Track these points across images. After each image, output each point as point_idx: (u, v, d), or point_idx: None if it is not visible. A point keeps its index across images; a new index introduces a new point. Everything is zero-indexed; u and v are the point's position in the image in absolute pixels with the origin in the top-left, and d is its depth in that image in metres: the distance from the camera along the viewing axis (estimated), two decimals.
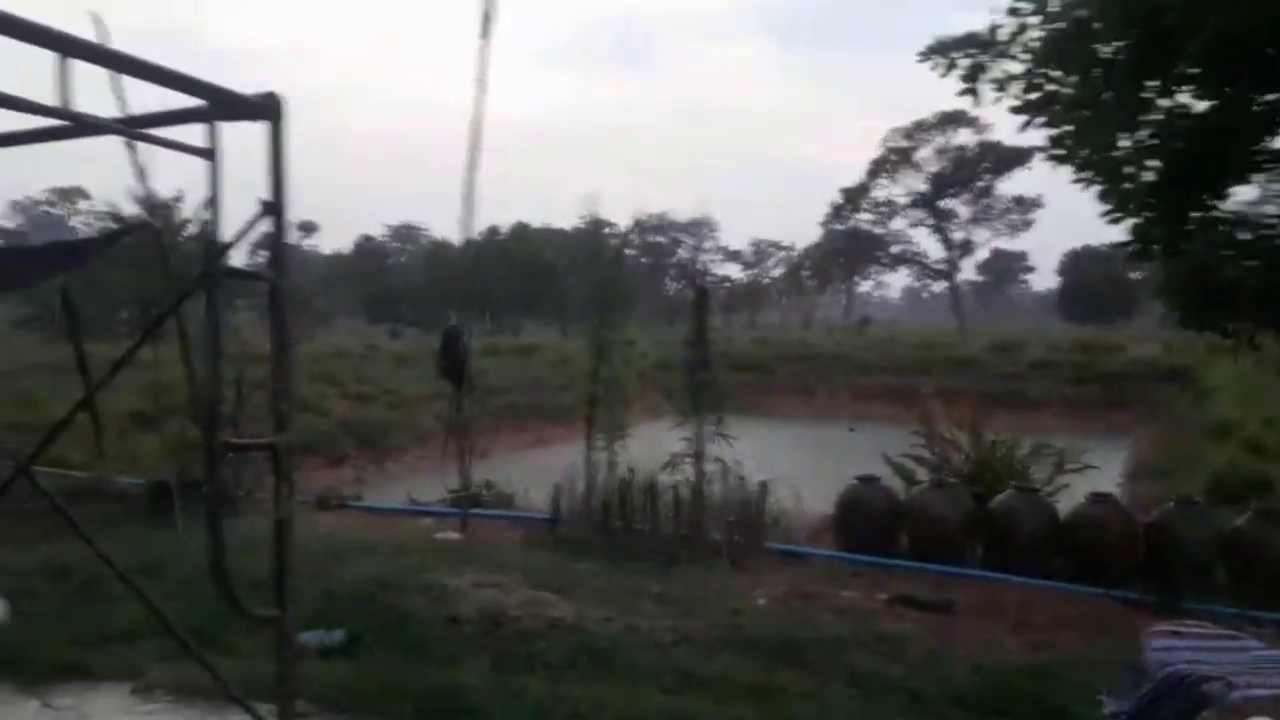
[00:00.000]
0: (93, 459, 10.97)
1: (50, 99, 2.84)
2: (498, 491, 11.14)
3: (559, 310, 52.33)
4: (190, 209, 26.14)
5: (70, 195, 70.59)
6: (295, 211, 3.47)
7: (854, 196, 68.96)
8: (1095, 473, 11.08)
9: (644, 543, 8.49)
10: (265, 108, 3.09)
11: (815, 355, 39.78)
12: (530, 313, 52.40)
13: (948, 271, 71.31)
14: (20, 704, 5.33)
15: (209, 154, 3.04)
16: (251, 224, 3.19)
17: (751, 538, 8.63)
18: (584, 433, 9.29)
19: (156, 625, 6.13)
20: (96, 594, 6.96)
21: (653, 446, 9.93)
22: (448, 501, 10.48)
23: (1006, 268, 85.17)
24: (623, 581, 7.43)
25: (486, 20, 8.23)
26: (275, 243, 3.26)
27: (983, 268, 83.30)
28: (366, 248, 69.70)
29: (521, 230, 56.56)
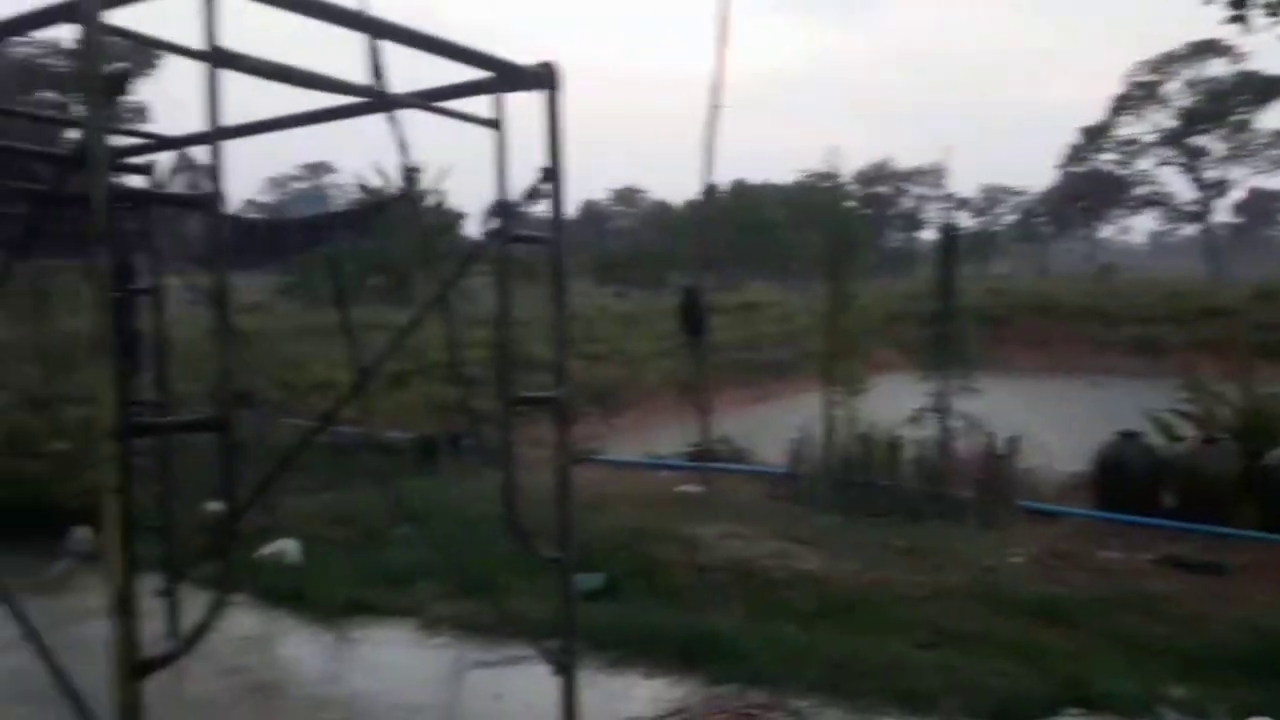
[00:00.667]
0: (361, 415, 11.90)
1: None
2: (733, 446, 11.29)
3: (780, 266, 51.99)
4: (429, 181, 27.53)
5: (318, 170, 75.88)
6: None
7: (1095, 136, 64.60)
8: None
9: (886, 498, 8.41)
10: (544, 77, 3.25)
11: (1053, 305, 37.75)
12: (751, 269, 52.28)
13: (1199, 213, 65.85)
14: (317, 636, 5.90)
15: (494, 124, 3.23)
16: (533, 189, 3.37)
17: (1000, 495, 8.38)
18: (808, 388, 9.26)
19: (434, 567, 6.71)
20: (377, 539, 7.60)
21: (889, 401, 9.80)
22: (686, 456, 10.71)
23: (1265, 207, 77.87)
24: (868, 535, 7.41)
25: None
26: (554, 206, 3.44)
27: (1239, 208, 76.49)
28: (590, 211, 71.50)
29: (741, 187, 56.43)
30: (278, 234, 6.95)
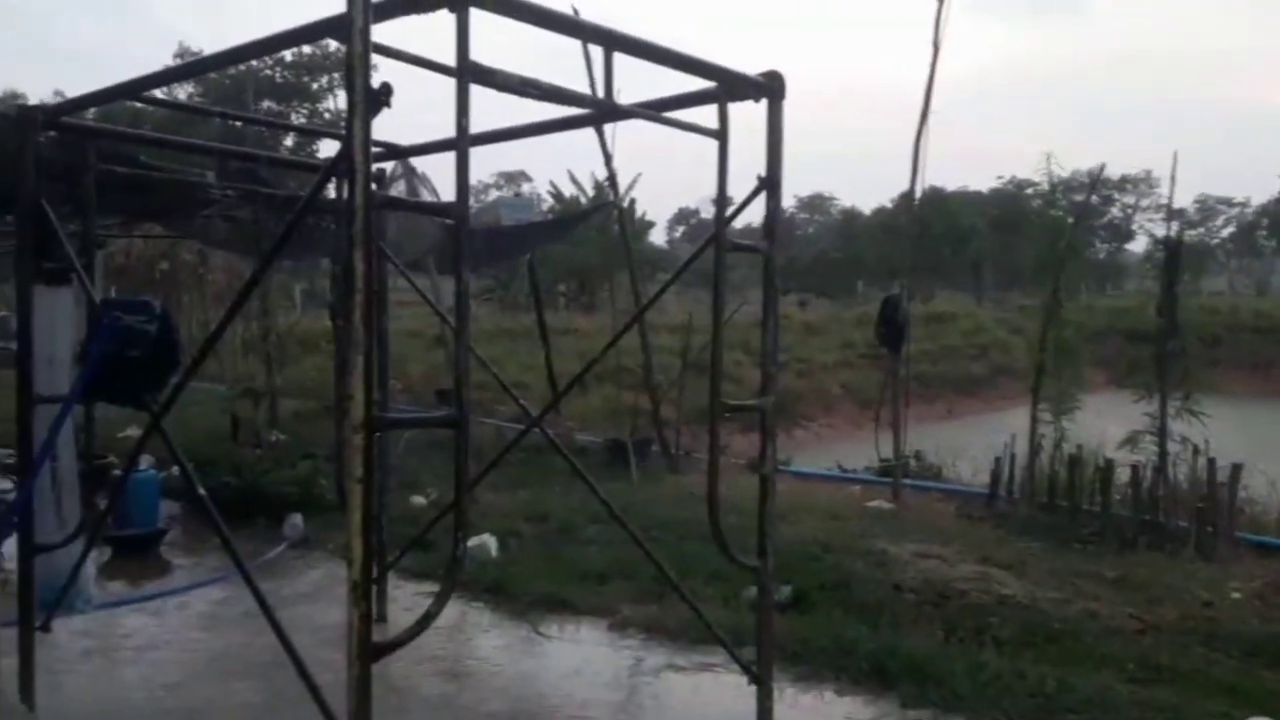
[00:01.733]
0: (551, 417, 12.23)
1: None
2: (925, 463, 10.99)
3: (974, 276, 50.30)
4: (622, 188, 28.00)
5: (514, 178, 78.41)
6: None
7: None
8: None
9: (1096, 524, 7.98)
10: (768, 87, 3.24)
11: (1275, 326, 35.09)
12: (943, 279, 50.80)
13: None
14: (513, 628, 6.07)
15: (718, 134, 3.24)
16: (750, 198, 3.37)
17: (1220, 526, 7.82)
18: (1001, 405, 8.89)
19: (624, 568, 6.80)
20: (571, 537, 7.78)
21: (1098, 421, 9.31)
22: (875, 470, 10.49)
23: None
24: (1075, 563, 7.05)
25: None
26: (770, 216, 3.43)
27: None
28: (775, 204, 70.83)
29: (935, 194, 54.92)
30: (490, 240, 7.24)
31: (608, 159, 8.81)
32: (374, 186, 5.03)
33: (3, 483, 8.15)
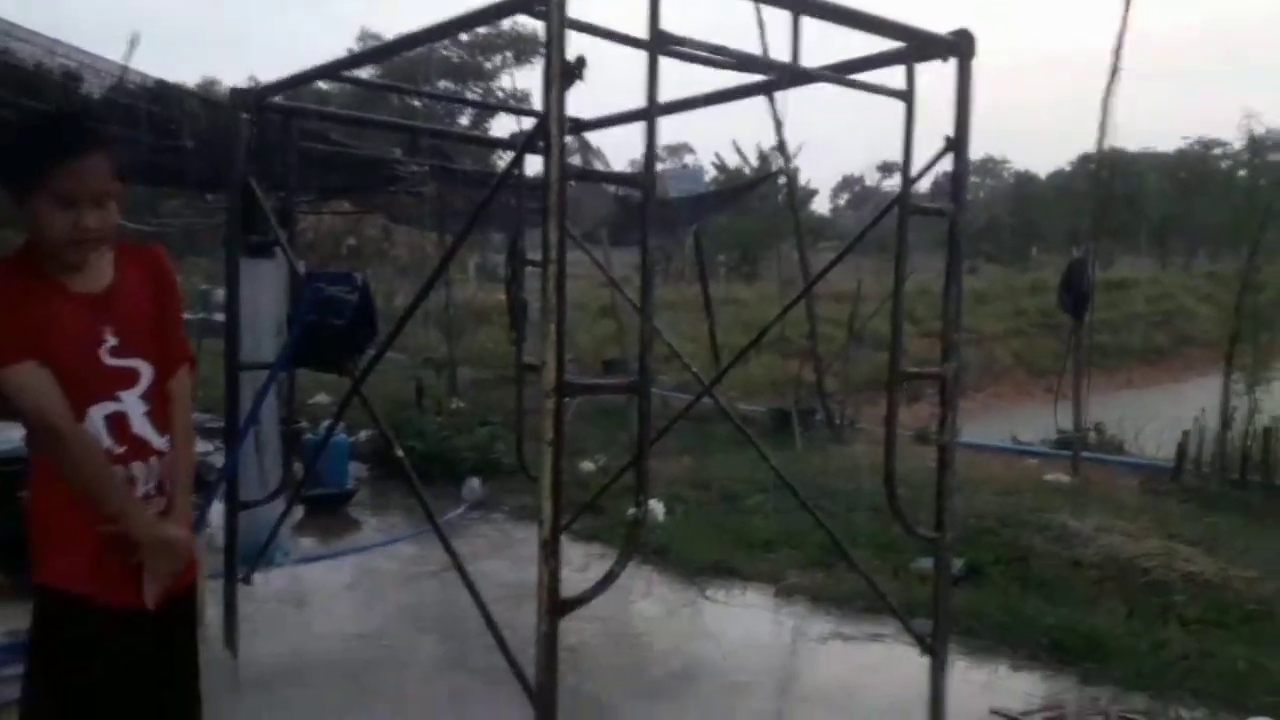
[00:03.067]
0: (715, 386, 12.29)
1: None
2: (1105, 436, 10.56)
3: (1157, 241, 47.60)
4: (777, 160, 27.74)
5: (677, 151, 78.41)
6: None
7: None
8: None
9: None
10: (958, 46, 3.18)
11: None
12: (1124, 243, 48.27)
13: None
14: (683, 590, 6.19)
15: (905, 95, 3.21)
16: (935, 159, 3.33)
17: None
18: (1185, 376, 8.44)
19: (789, 536, 6.83)
20: (735, 505, 7.85)
21: None
22: (1053, 442, 10.14)
23: None
24: (1270, 541, 6.68)
25: None
26: (957, 177, 3.37)
27: None
28: (944, 185, 68.73)
29: (1118, 155, 52.08)
30: (661, 213, 7.32)
31: (778, 125, 8.77)
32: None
33: (206, 446, 8.79)
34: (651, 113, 2.56)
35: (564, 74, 2.44)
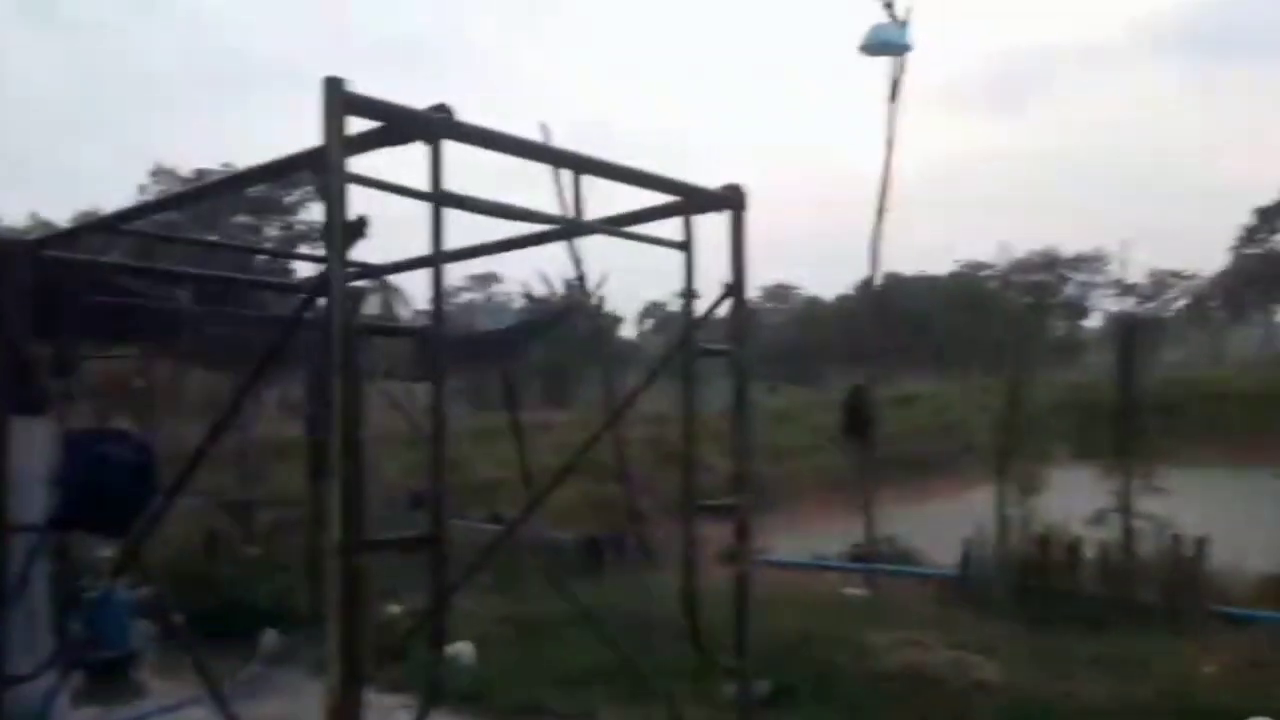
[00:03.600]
0: (524, 515, 12.16)
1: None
2: (898, 547, 11.04)
3: (937, 359, 50.94)
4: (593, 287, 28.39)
5: (485, 281, 78.89)
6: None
7: (1270, 217, 61.57)
8: None
9: (1067, 604, 8.06)
10: (730, 200, 3.41)
11: (1232, 394, 35.71)
12: (907, 362, 51.42)
13: None
14: None
15: (684, 245, 3.39)
16: (715, 304, 3.51)
17: (1190, 600, 7.93)
18: (973, 485, 9.03)
19: (603, 671, 6.75)
20: (549, 640, 7.71)
21: (1064, 499, 9.43)
22: (849, 556, 10.52)
23: None
24: (1049, 644, 7.11)
25: (895, 85, 8.47)
26: (737, 320, 3.55)
27: None
28: (740, 309, 71.57)
29: (895, 279, 55.85)
30: (471, 348, 7.34)
31: (577, 263, 9.04)
32: (350, 305, 5.16)
33: None
34: (437, 261, 2.62)
35: (346, 233, 2.48)
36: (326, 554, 2.53)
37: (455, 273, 77.98)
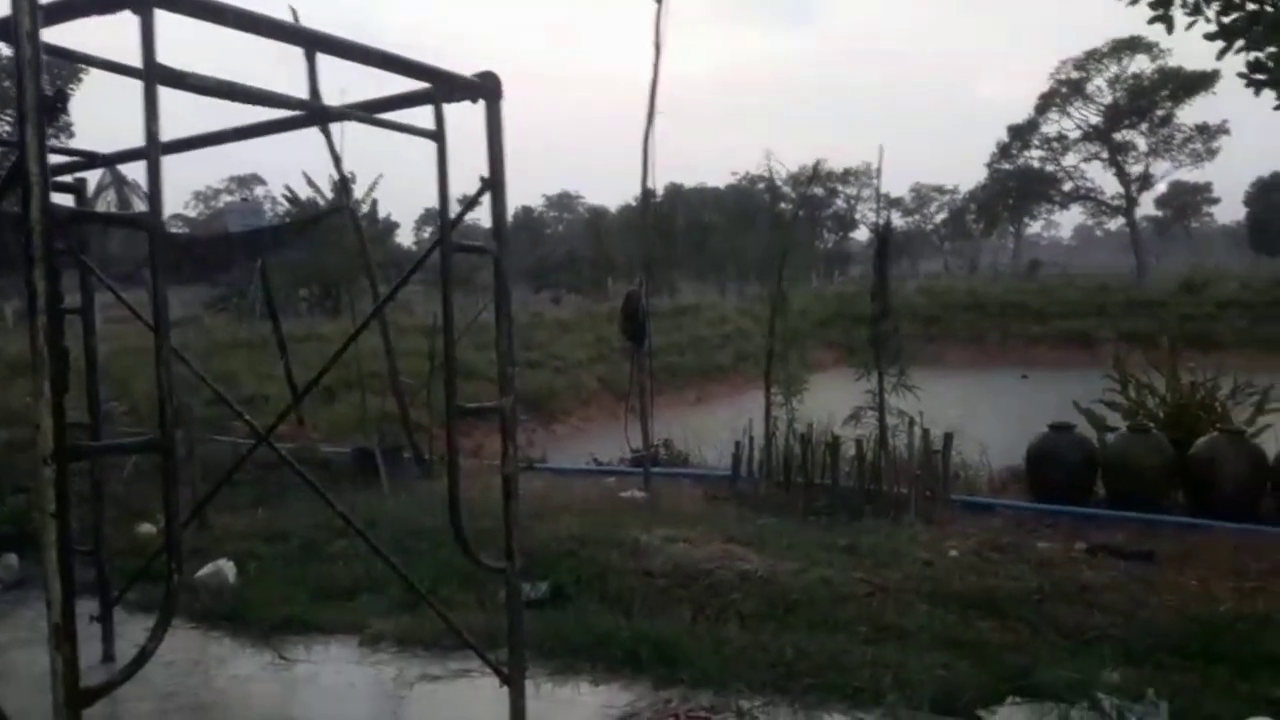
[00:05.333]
0: (293, 430, 11.73)
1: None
2: (675, 450, 11.34)
3: (716, 269, 52.36)
4: (361, 191, 27.29)
5: (247, 182, 74.70)
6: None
7: (1022, 134, 66.03)
8: None
9: (827, 497, 8.52)
10: (485, 88, 3.25)
11: (983, 303, 38.58)
12: (687, 273, 52.61)
13: (1124, 207, 67.51)
14: (254, 656, 5.79)
15: (435, 135, 3.22)
16: (474, 199, 3.37)
17: (937, 490, 8.54)
18: (747, 390, 9.37)
19: (374, 582, 6.63)
20: (315, 554, 7.49)
21: (827, 401, 9.92)
22: (628, 461, 10.72)
23: (1188, 201, 79.89)
24: (810, 535, 7.48)
25: None
26: (496, 217, 3.43)
27: (1161, 202, 78.50)
28: (524, 219, 71.10)
29: (676, 191, 56.73)
30: (215, 249, 6.85)
31: (337, 160, 8.56)
32: (74, 198, 4.68)
33: None
34: (153, 150, 2.36)
35: (40, 109, 2.18)
36: (37, 462, 2.28)
37: (212, 173, 73.38)
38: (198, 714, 5.00)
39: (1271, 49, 7.32)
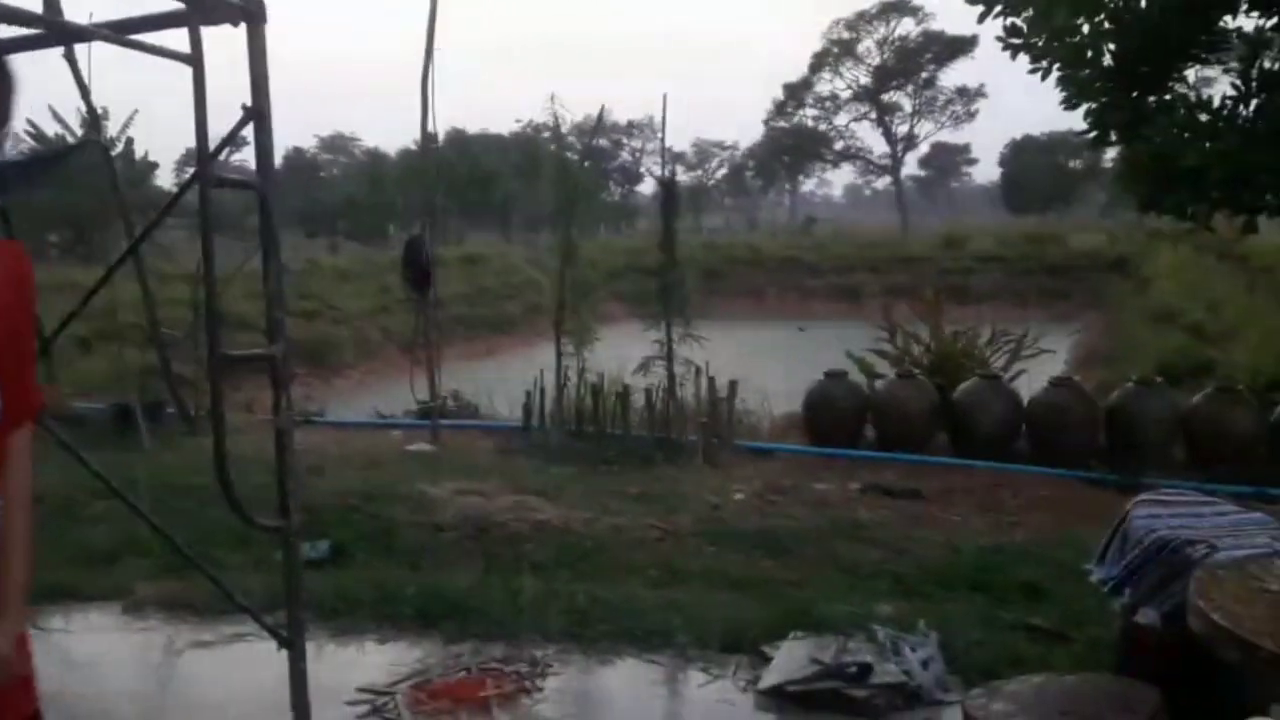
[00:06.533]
0: (43, 384, 10.76)
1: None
2: (463, 402, 11.13)
3: (502, 218, 51.69)
4: (114, 126, 25.28)
5: None
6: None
7: (797, 92, 68.33)
8: (1049, 359, 11.38)
9: (618, 446, 8.58)
10: (247, 11, 2.97)
11: (762, 258, 39.91)
12: (472, 221, 51.70)
13: (891, 167, 71.29)
14: None
15: (191, 59, 2.92)
16: (236, 129, 3.09)
17: (723, 437, 8.75)
18: (536, 341, 9.34)
19: (138, 545, 6.17)
20: (74, 516, 6.91)
21: (617, 351, 9.98)
22: (415, 413, 10.44)
23: (949, 161, 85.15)
24: (602, 483, 7.53)
25: None
26: (260, 148, 3.17)
27: (924, 162, 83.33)
28: (296, 161, 67.67)
29: (459, 136, 55.46)
30: None
31: (84, 91, 7.78)
32: None
33: None
34: None
35: None
36: None
37: None
38: None
39: (1028, 14, 7.78)
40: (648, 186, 71.54)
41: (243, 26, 3.08)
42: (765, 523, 6.60)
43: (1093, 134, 8.09)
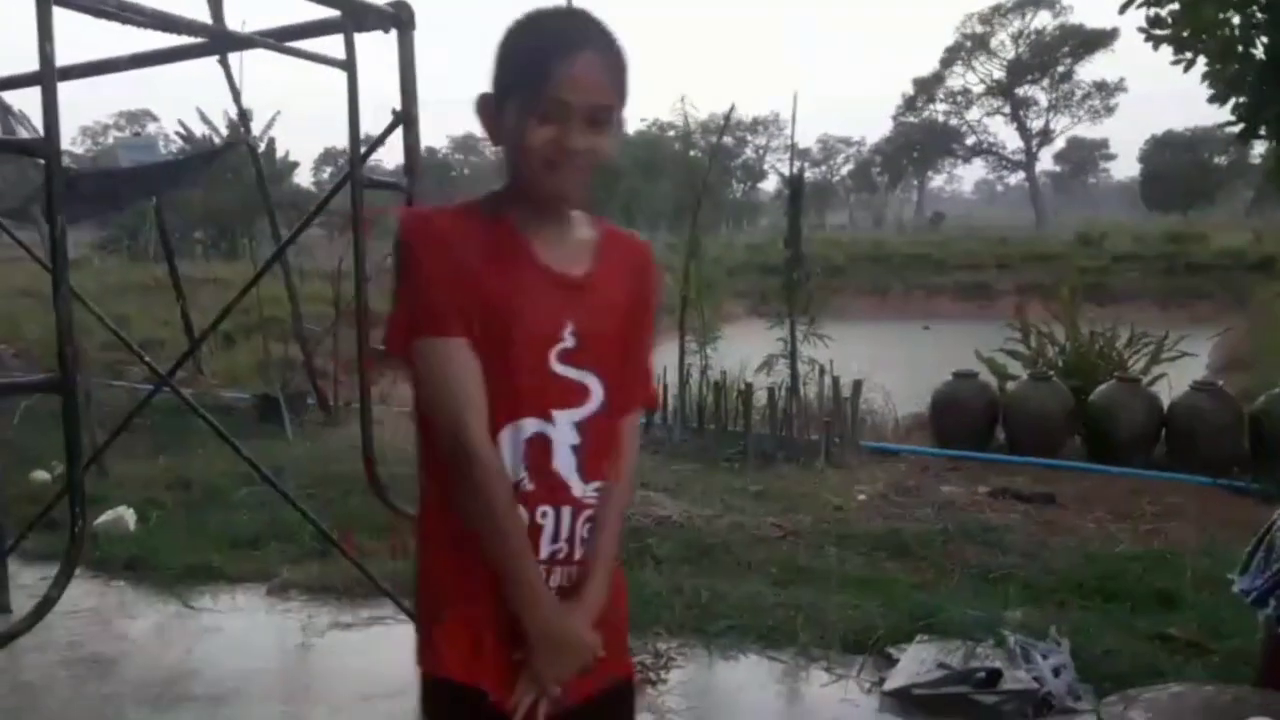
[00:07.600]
0: (191, 375, 11.37)
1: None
2: None
3: (625, 215, 52.03)
4: (259, 127, 26.41)
5: (138, 118, 71.63)
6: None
7: (928, 87, 67.04)
8: (1190, 362, 10.93)
9: (740, 444, 8.60)
10: (397, 17, 3.12)
11: (888, 255, 39.23)
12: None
13: (1025, 162, 69.19)
14: (161, 605, 5.62)
15: (346, 65, 3.08)
16: (385, 134, 3.25)
17: (846, 437, 8.69)
18: (657, 338, 9.39)
19: (281, 530, 6.49)
20: (219, 502, 7.30)
21: (737, 349, 10.00)
22: None
23: (1086, 156, 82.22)
24: (723, 481, 7.57)
25: None
26: (409, 152, 3.32)
27: (1060, 157, 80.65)
28: (429, 161, 69.58)
29: None
30: (103, 185, 6.49)
31: (236, 94, 8.20)
32: None
33: None
34: (47, 73, 2.19)
35: None
36: None
37: (101, 108, 70.18)
38: (102, 665, 4.84)
39: (1172, 6, 7.50)
40: (770, 183, 71.12)
41: (393, 32, 3.24)
42: (889, 524, 6.54)
43: (1241, 128, 7.74)
